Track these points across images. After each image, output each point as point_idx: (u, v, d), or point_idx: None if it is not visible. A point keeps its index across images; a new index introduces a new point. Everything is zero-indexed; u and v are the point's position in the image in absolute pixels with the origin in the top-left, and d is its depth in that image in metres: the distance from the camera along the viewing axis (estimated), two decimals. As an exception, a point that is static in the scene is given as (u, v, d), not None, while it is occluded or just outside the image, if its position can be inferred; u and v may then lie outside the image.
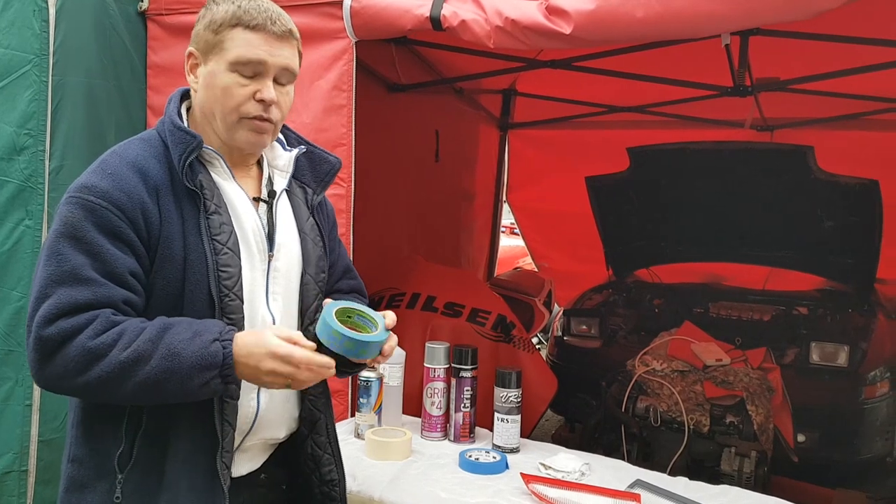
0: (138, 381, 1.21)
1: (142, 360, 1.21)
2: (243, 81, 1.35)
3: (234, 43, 1.35)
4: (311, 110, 2.45)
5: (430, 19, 2.25)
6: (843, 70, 3.49)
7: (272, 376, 1.26)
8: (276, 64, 1.37)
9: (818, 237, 4.33)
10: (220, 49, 1.36)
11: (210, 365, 1.22)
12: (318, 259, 1.53)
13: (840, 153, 4.16)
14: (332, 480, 1.57)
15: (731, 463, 3.11)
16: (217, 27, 1.36)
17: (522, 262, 7.16)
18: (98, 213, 1.26)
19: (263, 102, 1.36)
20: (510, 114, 5.67)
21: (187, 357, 1.22)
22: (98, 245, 1.25)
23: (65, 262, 1.24)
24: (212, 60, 1.37)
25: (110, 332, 1.22)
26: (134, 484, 1.30)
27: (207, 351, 1.23)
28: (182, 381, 1.22)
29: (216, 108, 1.38)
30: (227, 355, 1.23)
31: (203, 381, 1.23)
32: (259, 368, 1.25)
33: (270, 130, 1.41)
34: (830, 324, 4.12)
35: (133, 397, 1.25)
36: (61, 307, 1.22)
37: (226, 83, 1.35)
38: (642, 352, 3.63)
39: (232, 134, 1.38)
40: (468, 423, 2.13)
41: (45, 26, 2.36)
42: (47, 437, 2.37)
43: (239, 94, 1.35)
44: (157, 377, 1.21)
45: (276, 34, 1.36)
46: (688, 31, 2.13)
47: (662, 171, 4.48)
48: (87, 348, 1.21)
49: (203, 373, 1.22)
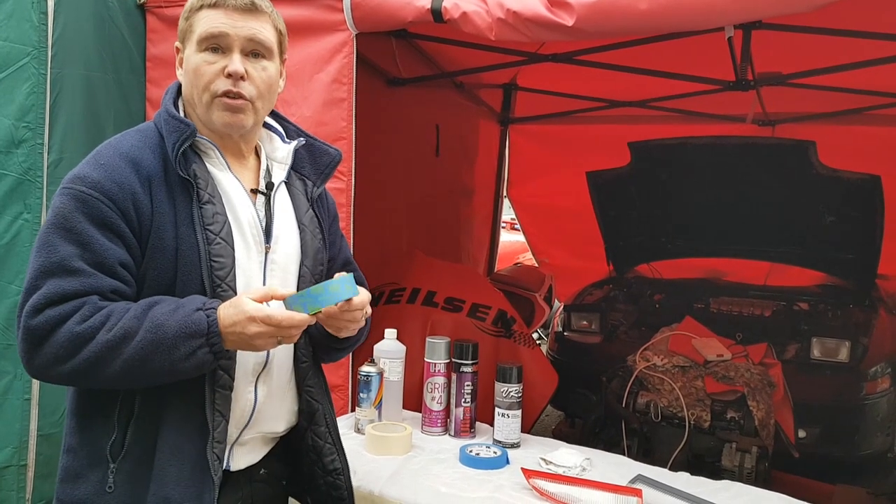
0: (126, 359, 1.21)
1: (128, 337, 1.21)
2: (211, 59, 1.35)
3: (199, 23, 1.36)
4: (310, 103, 2.44)
5: (431, 11, 2.24)
6: (846, 64, 3.48)
7: (260, 339, 1.25)
8: (240, 35, 1.36)
9: (819, 232, 4.33)
10: (190, 33, 1.37)
11: (195, 333, 1.22)
12: (316, 252, 1.52)
13: (842, 148, 4.15)
14: (335, 469, 1.57)
15: (732, 458, 3.11)
16: (188, 13, 1.38)
17: (523, 257, 7.15)
18: (89, 204, 1.26)
19: (231, 77, 1.35)
20: (511, 108, 5.65)
21: (171, 326, 1.21)
22: (88, 235, 1.25)
23: (54, 253, 1.24)
24: (186, 47, 1.39)
25: (97, 316, 1.22)
26: (125, 473, 1.30)
27: (191, 319, 1.22)
28: (168, 351, 1.21)
29: (193, 92, 1.38)
30: (211, 323, 1.23)
31: (189, 349, 1.22)
32: (245, 334, 1.24)
33: (247, 109, 1.39)
34: (831, 319, 4.12)
35: (123, 377, 1.23)
36: (49, 297, 1.22)
37: (195, 63, 1.36)
38: (643, 347, 3.62)
39: (209, 115, 1.38)
40: (469, 418, 2.13)
41: (43, 18, 2.35)
42: (46, 432, 2.36)
43: (207, 72, 1.35)
44: (143, 351, 1.21)
45: (237, 7, 1.36)
46: (691, 24, 2.11)
47: (664, 166, 4.47)
48: (75, 333, 1.21)
49: (188, 341, 1.22)
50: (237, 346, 1.28)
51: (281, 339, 1.27)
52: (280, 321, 1.23)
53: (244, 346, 1.27)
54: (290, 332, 1.26)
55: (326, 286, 1.29)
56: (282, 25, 1.45)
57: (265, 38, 1.39)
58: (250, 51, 1.37)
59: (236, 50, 1.36)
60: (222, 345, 1.24)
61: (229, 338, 1.25)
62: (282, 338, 1.27)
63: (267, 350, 1.33)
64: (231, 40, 1.35)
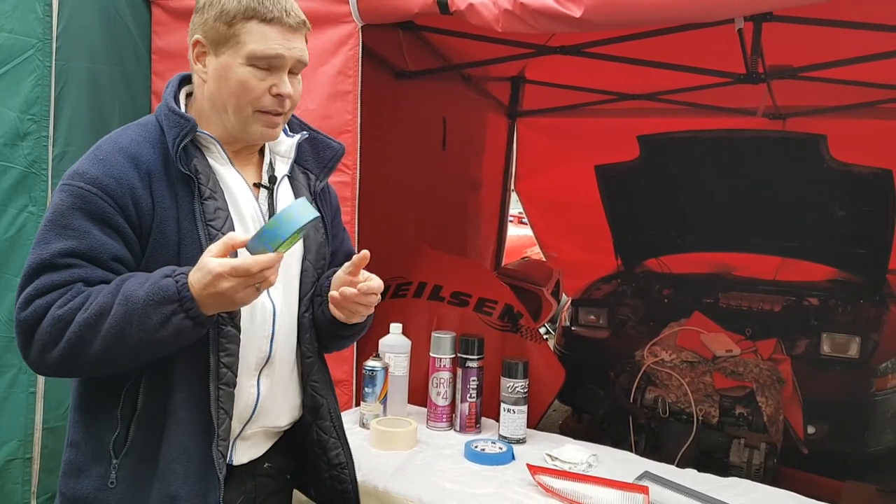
0: (104, 335, 1.20)
1: (103, 313, 1.20)
2: (260, 75, 1.33)
3: (251, 37, 1.32)
4: (315, 96, 2.42)
5: (437, 2, 2.21)
6: (857, 57, 3.44)
7: (237, 292, 1.20)
8: (292, 57, 1.35)
9: (830, 227, 4.29)
10: (235, 42, 1.33)
11: (165, 298, 1.19)
12: (318, 246, 1.52)
13: (853, 142, 4.12)
14: (340, 464, 1.56)
15: (741, 455, 3.09)
16: (230, 19, 1.32)
17: (530, 251, 7.14)
18: (87, 200, 1.25)
19: (280, 96, 1.35)
20: (519, 101, 5.64)
21: (140, 295, 1.19)
22: (84, 231, 1.25)
23: (46, 249, 1.24)
24: (225, 53, 1.34)
25: (77, 298, 1.22)
26: (128, 469, 1.29)
27: (159, 285, 1.20)
28: (141, 320, 1.18)
29: (230, 100, 1.35)
30: (181, 287, 1.19)
31: (163, 316, 1.19)
32: (219, 292, 1.19)
33: (282, 122, 1.41)
34: (842, 315, 4.10)
35: (108, 356, 1.22)
36: (39, 289, 1.23)
37: (242, 77, 1.33)
38: (651, 342, 3.60)
39: (245, 127, 1.37)
40: (474, 414, 2.11)
41: (48, 10, 2.34)
42: (52, 425, 2.36)
43: (256, 89, 1.33)
44: (119, 324, 1.19)
45: (292, 26, 1.34)
46: (701, 14, 2.09)
47: (673, 160, 4.44)
48: (56, 316, 1.21)
49: (160, 308, 1.19)
50: (219, 307, 1.24)
51: (258, 285, 1.22)
52: (248, 268, 1.18)
53: (226, 303, 1.23)
54: (264, 276, 1.20)
55: (281, 216, 1.21)
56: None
57: (307, 58, 1.39)
58: (293, 69, 1.38)
59: (286, 70, 1.35)
60: (198, 309, 1.21)
61: (207, 301, 1.20)
62: (259, 284, 1.22)
63: (251, 301, 1.26)
64: (284, 62, 1.34)
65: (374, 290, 1.40)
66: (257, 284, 1.21)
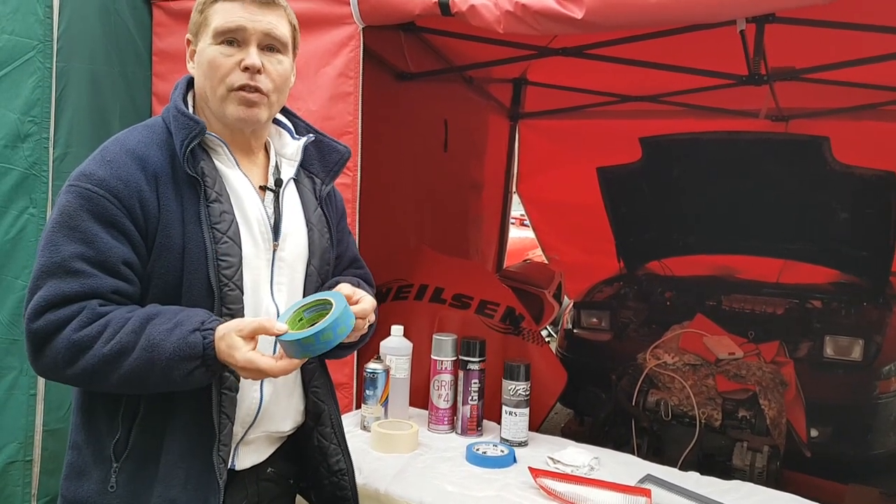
0: (122, 374, 1.21)
1: (124, 353, 1.20)
2: (227, 51, 1.33)
3: (215, 16, 1.34)
4: (317, 98, 2.42)
5: (438, 4, 2.21)
6: (860, 59, 3.43)
7: (248, 375, 1.24)
8: (257, 29, 1.34)
9: (833, 229, 4.29)
10: (204, 26, 1.36)
11: (190, 356, 1.20)
12: (323, 251, 1.51)
13: (856, 144, 4.11)
14: (340, 470, 1.56)
15: (743, 458, 3.09)
16: (201, 6, 1.37)
17: (532, 253, 7.13)
18: (94, 202, 1.25)
19: (248, 70, 1.33)
20: (521, 103, 5.63)
21: (167, 348, 1.19)
22: (92, 234, 1.24)
23: (56, 252, 1.23)
24: (200, 40, 1.37)
25: (95, 325, 1.21)
26: (129, 473, 1.29)
27: (186, 342, 1.20)
28: (164, 372, 1.20)
29: (206, 85, 1.36)
30: (207, 346, 1.20)
31: (185, 371, 1.21)
32: (234, 365, 1.22)
33: (263, 103, 1.37)
34: (845, 317, 4.09)
35: (123, 388, 1.25)
36: (49, 300, 1.22)
37: (210, 56, 1.34)
38: (653, 345, 3.59)
39: (223, 109, 1.36)
40: (476, 416, 2.11)
41: (48, 12, 2.33)
42: (52, 427, 2.35)
43: (223, 65, 1.33)
44: (140, 369, 1.20)
45: (255, 0, 1.34)
46: (703, 16, 2.08)
47: (675, 162, 4.44)
48: (72, 341, 1.20)
49: (183, 363, 1.20)
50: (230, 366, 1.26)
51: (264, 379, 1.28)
52: (268, 371, 1.21)
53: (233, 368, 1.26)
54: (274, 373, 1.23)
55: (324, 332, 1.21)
56: (295, 21, 1.44)
57: (281, 34, 1.38)
58: (266, 45, 1.36)
59: (253, 44, 1.34)
60: (219, 364, 1.23)
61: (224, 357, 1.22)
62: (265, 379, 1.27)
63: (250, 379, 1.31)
64: (248, 34, 1.34)
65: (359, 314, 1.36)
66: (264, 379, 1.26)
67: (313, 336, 1.21)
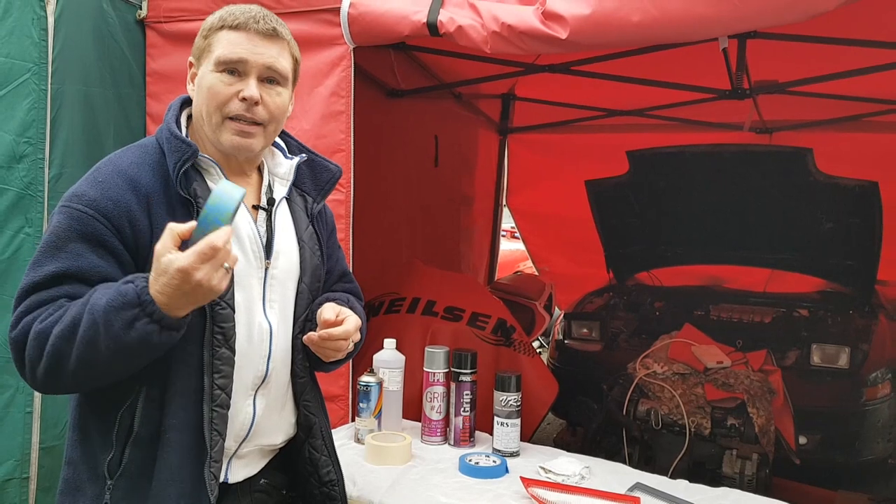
0: (77, 346, 1.19)
1: (76, 325, 1.19)
2: (227, 80, 1.36)
3: (219, 44, 1.37)
4: (309, 117, 2.46)
5: (426, 25, 2.26)
6: (842, 72, 3.49)
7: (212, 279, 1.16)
8: (258, 62, 1.37)
9: (818, 239, 4.33)
10: (208, 52, 1.38)
11: (125, 303, 1.17)
12: (314, 268, 1.54)
13: (839, 155, 4.17)
14: (331, 481, 1.58)
15: (733, 465, 3.12)
16: (206, 31, 1.39)
17: (523, 265, 7.16)
18: (83, 221, 1.27)
19: (246, 101, 1.35)
20: (509, 118, 5.67)
21: (103, 303, 1.18)
22: (76, 253, 1.26)
23: (40, 271, 1.26)
24: (202, 65, 1.39)
25: (57, 313, 1.23)
26: (123, 490, 1.30)
27: (118, 290, 1.18)
28: (106, 328, 1.16)
29: (203, 109, 1.38)
30: (140, 292, 1.16)
31: (125, 321, 1.16)
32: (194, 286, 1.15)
33: (258, 133, 1.39)
34: (831, 325, 4.13)
35: (84, 368, 1.21)
36: (27, 308, 1.25)
37: (211, 82, 1.36)
38: (643, 355, 3.62)
39: (218, 136, 1.38)
40: (468, 428, 2.14)
41: (43, 35, 2.37)
42: (48, 444, 2.37)
43: (222, 93, 1.36)
44: (87, 334, 1.18)
45: (259, 32, 1.37)
46: (684, 35, 2.13)
47: (662, 174, 4.49)
48: (37, 331, 1.22)
49: (121, 312, 1.16)
50: (195, 303, 1.20)
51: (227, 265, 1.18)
52: (213, 244, 1.14)
53: (203, 295, 1.18)
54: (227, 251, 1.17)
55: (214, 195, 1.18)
56: (298, 54, 1.47)
57: (282, 67, 1.40)
58: (266, 77, 1.39)
59: (253, 76, 1.37)
60: (162, 311, 1.17)
61: (179, 302, 1.18)
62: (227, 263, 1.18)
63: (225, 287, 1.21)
64: (249, 66, 1.36)
65: (337, 335, 1.38)
66: (226, 264, 1.18)
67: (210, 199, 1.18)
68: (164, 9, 2.67)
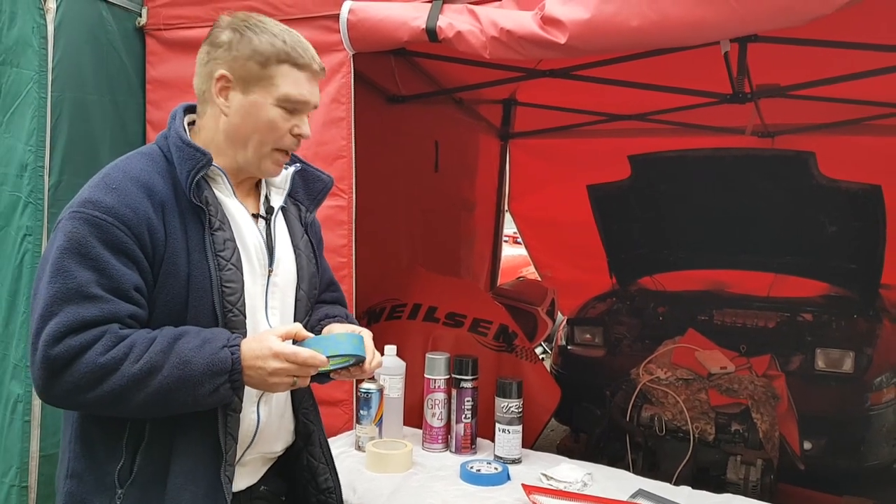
0: (150, 392, 1.23)
1: (154, 371, 1.23)
2: (286, 116, 1.41)
3: (285, 80, 1.40)
4: (311, 123, 2.44)
5: (425, 31, 2.25)
6: (844, 75, 3.48)
7: (278, 376, 1.28)
8: (313, 103, 1.45)
9: (822, 243, 4.33)
10: (269, 84, 1.39)
11: (220, 371, 1.25)
12: (311, 276, 1.56)
13: (842, 158, 4.15)
14: (328, 488, 1.60)
15: (737, 471, 3.10)
16: (264, 60, 1.39)
17: (525, 271, 7.15)
18: (103, 229, 1.26)
19: (299, 137, 1.43)
20: (510, 123, 5.67)
21: (198, 364, 1.24)
22: (104, 261, 1.26)
23: (70, 278, 1.24)
24: (255, 92, 1.40)
25: (120, 346, 1.23)
26: (134, 499, 1.30)
27: (217, 357, 1.25)
28: (193, 387, 1.24)
29: (253, 136, 1.41)
30: (235, 360, 1.26)
31: (213, 387, 1.25)
32: (265, 369, 1.27)
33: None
34: (835, 330, 4.11)
35: (142, 409, 1.25)
36: (69, 325, 1.22)
37: (272, 117, 1.40)
38: (646, 360, 3.61)
39: (259, 162, 1.43)
40: (469, 434, 2.13)
41: (43, 43, 2.36)
42: (48, 452, 2.36)
43: (281, 128, 1.41)
44: (169, 386, 1.23)
45: (317, 72, 1.44)
46: (683, 39, 2.12)
47: (664, 179, 4.48)
48: (99, 364, 1.22)
49: (213, 379, 1.25)
50: (253, 383, 1.31)
51: (296, 379, 1.31)
52: (305, 359, 1.28)
53: (260, 382, 1.30)
54: (307, 372, 1.30)
55: (346, 336, 1.36)
56: None
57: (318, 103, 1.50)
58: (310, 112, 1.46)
59: (307, 113, 1.44)
60: (242, 380, 1.28)
61: (248, 372, 1.28)
62: (297, 378, 1.31)
63: (279, 391, 1.37)
64: (308, 107, 1.44)
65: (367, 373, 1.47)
66: (295, 379, 1.30)
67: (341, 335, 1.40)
68: (163, 16, 2.67)
